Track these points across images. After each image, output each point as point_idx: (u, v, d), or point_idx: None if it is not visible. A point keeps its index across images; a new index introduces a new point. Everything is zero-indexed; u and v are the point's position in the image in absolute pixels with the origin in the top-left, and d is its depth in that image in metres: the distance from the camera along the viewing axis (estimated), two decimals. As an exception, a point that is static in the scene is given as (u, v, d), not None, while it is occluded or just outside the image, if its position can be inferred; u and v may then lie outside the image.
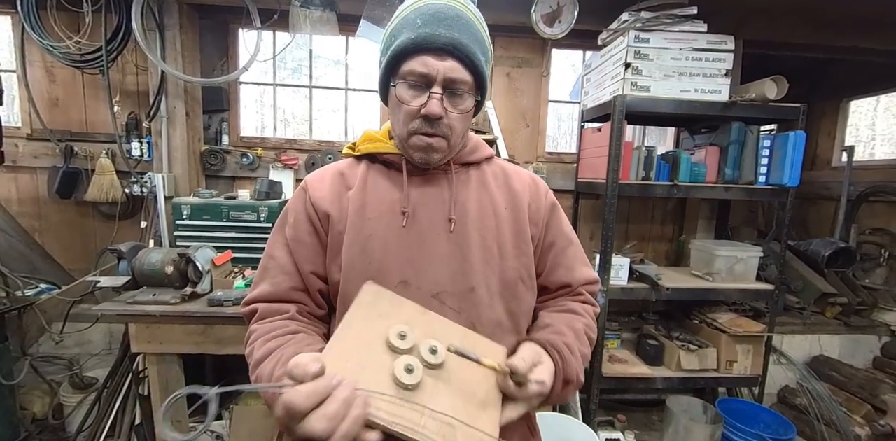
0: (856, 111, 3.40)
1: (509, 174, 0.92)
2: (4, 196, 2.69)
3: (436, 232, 0.81)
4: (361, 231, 0.80)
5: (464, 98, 0.76)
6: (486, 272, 0.81)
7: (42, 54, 2.54)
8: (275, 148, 2.82)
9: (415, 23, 0.73)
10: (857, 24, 2.54)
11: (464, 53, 0.73)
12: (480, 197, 0.86)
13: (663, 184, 2.25)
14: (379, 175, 0.86)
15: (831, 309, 2.76)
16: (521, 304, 0.85)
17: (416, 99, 0.75)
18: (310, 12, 2.38)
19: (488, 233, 0.83)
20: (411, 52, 0.73)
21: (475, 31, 0.76)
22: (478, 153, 0.91)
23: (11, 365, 2.14)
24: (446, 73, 0.73)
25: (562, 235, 0.93)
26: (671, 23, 2.11)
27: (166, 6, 2.42)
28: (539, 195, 0.92)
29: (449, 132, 0.77)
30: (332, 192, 0.84)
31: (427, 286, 0.78)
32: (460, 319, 0.78)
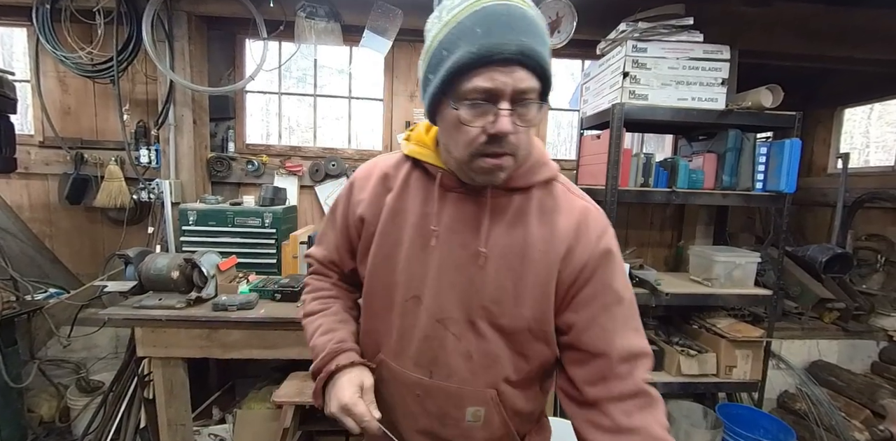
0: (850, 119, 3.39)
1: (559, 208, 0.77)
2: (16, 202, 2.70)
3: (455, 259, 0.76)
4: (390, 238, 0.79)
5: (531, 107, 0.65)
6: (494, 312, 0.75)
7: (55, 65, 2.56)
8: (279, 155, 2.82)
9: (474, 32, 0.61)
10: (850, 34, 2.54)
11: (534, 60, 0.62)
12: (513, 231, 0.75)
13: (662, 190, 2.24)
14: (417, 182, 0.81)
15: (829, 314, 2.73)
16: (526, 349, 0.78)
17: (480, 118, 0.65)
18: (315, 23, 2.39)
19: (508, 273, 0.75)
20: (474, 68, 0.62)
21: (540, 31, 0.64)
22: (532, 176, 0.77)
23: (20, 368, 2.12)
24: (516, 85, 0.62)
25: (608, 291, 0.74)
26: (668, 33, 2.11)
27: (176, 18, 2.43)
28: (588, 239, 0.75)
29: (516, 148, 0.68)
30: (372, 195, 0.83)
31: (434, 309, 0.77)
32: (459, 347, 0.77)
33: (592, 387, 0.72)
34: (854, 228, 3.03)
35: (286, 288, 1.97)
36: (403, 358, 0.80)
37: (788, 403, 2.59)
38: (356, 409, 0.72)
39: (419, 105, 2.93)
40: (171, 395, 1.89)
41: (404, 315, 0.79)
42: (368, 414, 0.72)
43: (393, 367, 0.82)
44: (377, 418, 0.73)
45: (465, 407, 0.79)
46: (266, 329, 1.83)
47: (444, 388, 0.78)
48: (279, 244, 2.37)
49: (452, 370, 0.77)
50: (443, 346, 0.77)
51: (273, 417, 2.02)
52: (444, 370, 0.78)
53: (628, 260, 2.42)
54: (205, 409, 2.31)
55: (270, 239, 2.37)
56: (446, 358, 0.77)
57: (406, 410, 0.83)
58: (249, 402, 2.16)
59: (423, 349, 0.78)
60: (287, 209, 2.52)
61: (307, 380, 1.91)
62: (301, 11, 2.37)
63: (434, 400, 0.79)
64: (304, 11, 2.37)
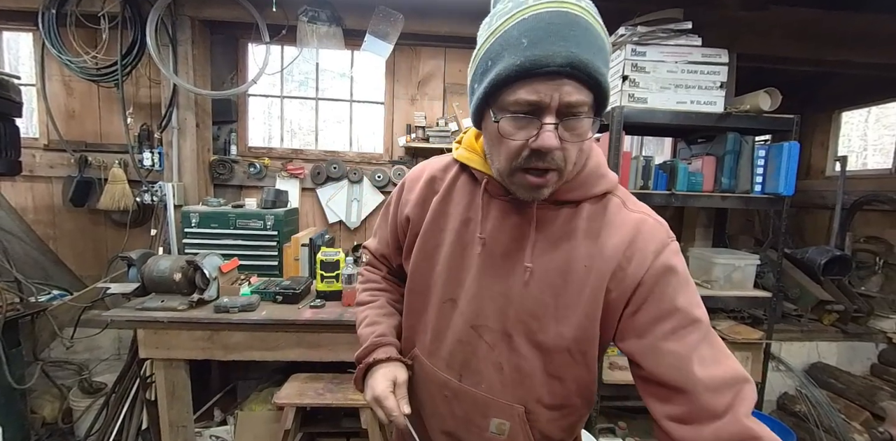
0: (848, 122, 3.39)
1: (610, 223, 0.70)
2: (21, 204, 2.70)
3: (497, 268, 0.74)
4: (432, 240, 0.80)
5: (581, 122, 0.60)
6: (533, 327, 0.72)
7: (60, 69, 2.57)
8: (281, 158, 2.82)
9: (519, 42, 0.56)
10: (847, 38, 2.54)
11: (584, 73, 0.56)
12: (558, 244, 0.71)
13: (661, 193, 2.23)
14: (464, 187, 0.80)
15: (828, 316, 2.71)
16: (562, 372, 0.73)
17: (523, 131, 0.60)
18: (317, 27, 2.39)
19: (550, 289, 0.70)
20: (516, 80, 0.58)
21: (595, 39, 0.58)
22: (585, 190, 0.71)
23: (23, 369, 2.12)
24: (562, 98, 0.57)
25: (673, 312, 0.65)
26: (667, 37, 2.11)
27: (179, 22, 2.44)
28: (642, 256, 0.67)
29: (563, 164, 0.62)
30: (420, 197, 0.83)
31: (469, 315, 0.76)
32: (491, 356, 0.75)
33: (682, 427, 0.61)
34: (852, 231, 3.02)
35: (287, 290, 1.97)
36: (436, 357, 0.80)
37: (788, 405, 2.58)
38: (386, 403, 0.74)
39: (420, 108, 2.93)
40: (173, 397, 1.88)
41: (440, 316, 0.79)
42: (397, 409, 0.74)
43: (426, 365, 0.82)
44: (405, 413, 0.75)
45: (489, 417, 0.77)
46: (267, 331, 1.83)
47: (472, 394, 0.77)
48: (281, 246, 2.37)
49: (482, 378, 0.76)
50: (475, 352, 0.76)
51: (274, 419, 2.01)
52: (474, 376, 0.77)
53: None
54: (206, 411, 2.30)
55: (272, 241, 2.37)
56: (477, 364, 0.76)
57: (434, 410, 0.83)
58: (251, 403, 2.15)
59: (455, 352, 0.78)
60: (288, 212, 2.52)
61: (308, 382, 1.91)
62: (303, 16, 2.37)
63: (461, 404, 0.78)
64: (307, 16, 2.37)
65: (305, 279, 2.13)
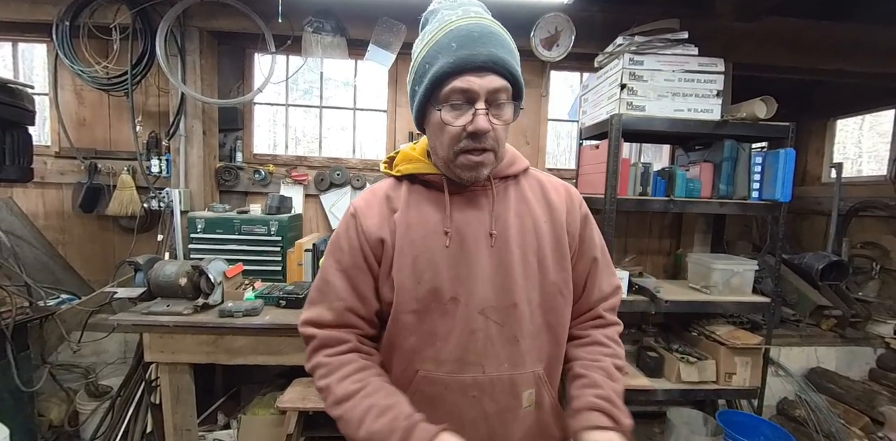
0: (842, 129, 3.38)
1: (545, 186, 0.89)
2: (32, 210, 2.70)
3: (479, 249, 0.80)
4: (409, 252, 0.80)
5: (505, 108, 0.74)
6: (527, 287, 0.80)
7: (73, 78, 2.59)
8: (286, 165, 2.82)
9: (450, 46, 0.71)
10: (840, 48, 2.55)
11: (503, 67, 0.71)
12: (520, 211, 0.84)
13: (660, 199, 2.22)
14: (421, 196, 0.84)
15: (826, 321, 2.68)
16: (559, 317, 0.84)
17: (460, 118, 0.73)
18: (321, 38, 2.41)
19: (528, 248, 0.81)
20: (452, 75, 0.71)
21: (507, 44, 0.74)
22: (515, 166, 0.87)
23: (31, 372, 2.10)
24: (489, 85, 0.71)
25: (594, 247, 0.90)
26: (664, 46, 2.11)
27: (188, 33, 2.46)
28: (574, 207, 0.89)
29: (496, 144, 0.76)
30: (381, 217, 0.83)
31: (474, 303, 0.78)
32: (503, 333, 0.79)
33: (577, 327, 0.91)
34: (849, 236, 3.00)
35: (291, 295, 1.96)
36: (449, 362, 0.79)
37: (788, 410, 2.54)
38: None
39: (422, 116, 2.93)
40: (178, 401, 1.87)
41: (444, 319, 0.79)
42: None
43: (441, 378, 0.79)
44: None
45: (520, 393, 0.80)
46: (271, 335, 1.81)
47: (499, 380, 0.79)
48: (284, 252, 2.36)
49: (502, 359, 0.79)
50: (489, 336, 0.79)
51: (277, 423, 1.99)
52: (494, 360, 0.79)
53: (628, 267, 2.39)
54: (210, 415, 2.28)
55: (276, 246, 2.36)
56: (493, 347, 0.79)
57: (466, 419, 0.79)
58: (254, 407, 2.13)
59: (471, 345, 0.78)
60: (293, 217, 2.51)
61: (311, 386, 1.89)
62: (308, 26, 2.39)
63: (491, 396, 0.79)
64: (312, 26, 2.39)
65: (309, 284, 2.12)
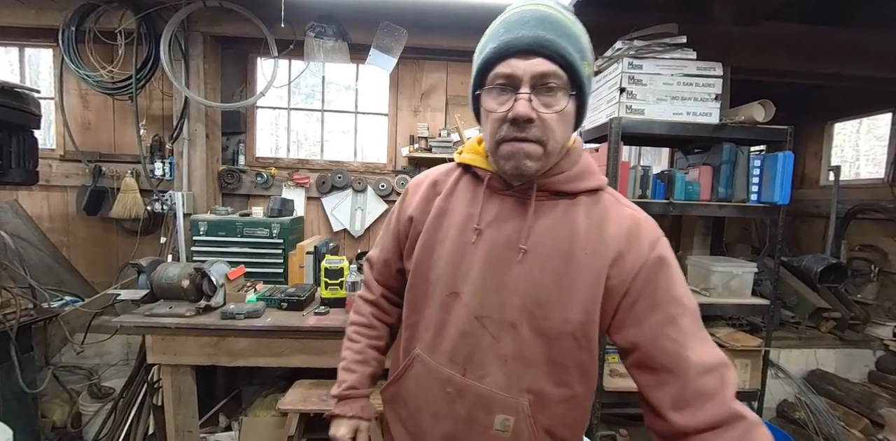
0: (840, 133, 3.38)
1: (608, 216, 0.74)
2: (37, 213, 2.71)
3: (500, 257, 0.74)
4: (434, 235, 0.80)
5: (557, 95, 0.65)
6: (537, 314, 0.72)
7: (78, 83, 2.60)
8: (288, 168, 2.82)
9: (497, 32, 0.67)
10: (837, 52, 2.55)
11: (551, 49, 0.63)
12: (558, 232, 0.73)
13: (659, 202, 2.21)
14: (467, 185, 0.82)
15: (825, 323, 2.67)
16: (566, 358, 0.73)
17: (503, 105, 0.66)
18: (323, 42, 2.41)
19: (553, 275, 0.71)
20: (496, 60, 0.66)
21: (565, 28, 0.65)
22: (577, 183, 0.74)
23: (35, 374, 2.10)
24: (532, 68, 0.63)
25: (669, 301, 0.68)
26: (662, 51, 2.11)
27: (192, 38, 2.47)
28: (639, 246, 0.71)
29: (544, 136, 0.66)
30: (422, 198, 0.85)
31: (474, 306, 0.75)
32: (495, 347, 0.74)
33: (677, 412, 0.64)
34: (847, 239, 2.99)
35: (292, 297, 1.95)
36: (439, 352, 0.78)
37: (788, 412, 2.52)
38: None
39: (422, 119, 2.94)
40: (179, 402, 1.86)
41: (442, 310, 0.78)
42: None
43: (429, 362, 0.80)
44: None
45: (494, 413, 0.75)
46: (272, 337, 1.81)
47: (476, 389, 0.75)
48: (286, 254, 2.36)
49: (486, 371, 0.75)
50: (479, 344, 0.75)
51: (278, 425, 1.98)
52: (478, 370, 0.75)
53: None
54: (211, 416, 2.27)
55: (278, 249, 2.36)
56: (482, 357, 0.75)
57: (435, 410, 0.79)
58: (255, 409, 2.12)
59: (459, 345, 0.76)
60: (294, 220, 2.51)
61: (312, 388, 1.88)
62: (310, 31, 2.39)
63: (464, 400, 0.76)
64: (314, 31, 2.39)
65: (310, 286, 2.11)
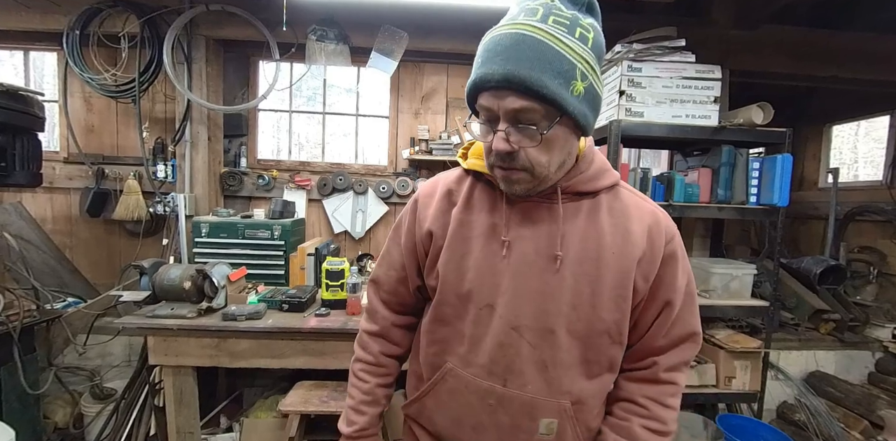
0: (838, 135, 3.37)
1: (629, 212, 0.77)
2: (40, 215, 2.71)
3: (530, 265, 0.74)
4: (458, 249, 0.78)
5: (536, 127, 0.66)
6: (572, 318, 0.74)
7: (82, 86, 2.60)
8: (289, 170, 2.83)
9: (478, 60, 0.67)
10: (835, 56, 2.55)
11: (521, 85, 0.62)
12: (586, 235, 0.75)
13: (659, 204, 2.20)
14: (482, 194, 0.80)
15: (825, 325, 2.66)
16: (599, 355, 0.77)
17: (488, 135, 0.69)
18: (325, 45, 2.41)
19: (584, 277, 0.73)
20: (475, 93, 0.68)
21: (540, 54, 0.63)
22: (596, 182, 0.77)
23: (38, 375, 2.10)
24: (506, 106, 0.64)
25: (671, 290, 0.77)
26: (661, 54, 2.11)
27: (195, 42, 2.47)
28: (657, 242, 0.76)
29: (528, 165, 0.68)
30: (438, 210, 0.82)
31: (509, 317, 0.75)
32: (534, 355, 0.75)
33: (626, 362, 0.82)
34: (846, 241, 2.98)
35: (293, 298, 1.95)
36: (475, 366, 0.77)
37: (788, 414, 2.51)
38: None
39: (423, 122, 2.94)
40: (181, 403, 1.85)
41: (477, 323, 0.77)
42: None
43: (464, 376, 0.78)
44: None
45: (538, 418, 0.76)
46: (273, 339, 1.80)
47: (519, 398, 0.75)
48: (287, 256, 2.35)
49: (527, 379, 0.75)
50: (518, 353, 0.75)
51: (279, 426, 1.97)
52: (518, 379, 0.75)
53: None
54: (213, 418, 2.26)
55: (279, 251, 2.36)
56: (521, 366, 0.75)
57: (476, 422, 0.79)
58: (256, 410, 2.11)
59: (498, 357, 0.75)
60: (295, 222, 2.51)
61: (312, 389, 1.88)
62: (312, 34, 2.40)
63: (507, 410, 0.76)
64: (315, 34, 2.40)
65: (311, 288, 2.11)
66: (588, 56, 0.67)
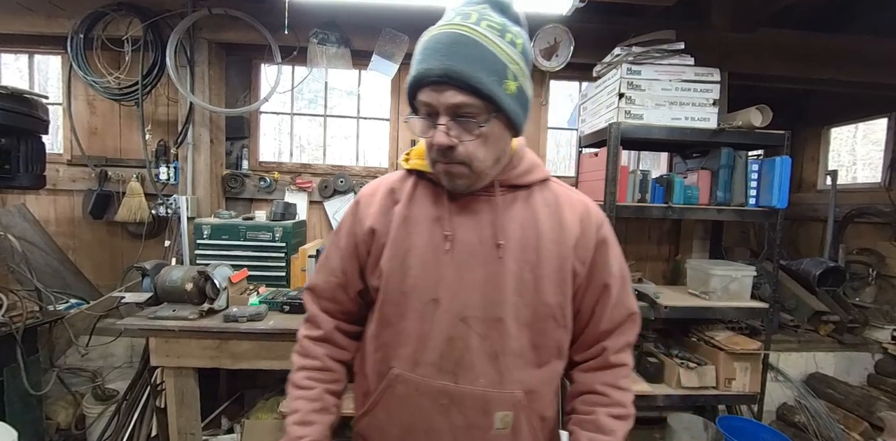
0: (837, 138, 3.37)
1: (562, 203, 0.81)
2: (44, 217, 2.71)
3: (474, 256, 0.76)
4: (402, 245, 0.78)
5: (474, 121, 0.68)
6: (518, 304, 0.76)
7: (85, 89, 2.61)
8: (290, 172, 2.82)
9: (417, 58, 0.70)
10: (833, 58, 2.55)
11: (460, 80, 0.65)
12: (525, 223, 0.78)
13: (658, 206, 2.21)
14: (425, 191, 0.82)
15: (824, 327, 2.65)
16: (547, 339, 0.79)
17: (428, 131, 0.71)
18: (326, 48, 2.42)
19: (526, 264, 0.76)
20: (416, 88, 0.70)
21: (478, 51, 0.66)
22: (529, 176, 0.81)
23: (40, 376, 2.10)
24: (446, 101, 0.67)
25: (608, 274, 0.81)
26: (660, 57, 2.12)
27: (197, 45, 2.47)
28: (589, 229, 0.80)
29: (468, 159, 0.71)
30: (380, 208, 0.82)
31: (456, 308, 0.75)
32: (484, 346, 0.75)
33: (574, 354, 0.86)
34: (845, 243, 2.97)
35: (295, 300, 1.95)
36: (424, 365, 0.76)
37: (788, 416, 2.50)
38: None
39: (424, 125, 2.93)
40: (182, 405, 1.85)
41: (423, 320, 0.76)
42: None
43: (413, 379, 0.76)
44: None
45: (493, 412, 0.75)
46: (275, 340, 1.80)
47: (471, 394, 0.75)
48: (289, 257, 2.35)
49: (479, 372, 0.75)
50: (468, 346, 0.75)
51: (280, 428, 1.96)
52: (469, 373, 0.75)
53: (626, 273, 2.37)
54: (214, 419, 2.26)
55: (280, 252, 2.36)
56: (472, 359, 0.75)
57: (428, 426, 0.77)
58: (257, 412, 2.11)
59: (447, 352, 0.75)
60: (297, 224, 2.51)
61: (314, 390, 1.87)
62: (313, 38, 2.40)
63: (460, 408, 0.75)
64: (317, 38, 2.40)
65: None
66: (519, 59, 0.70)
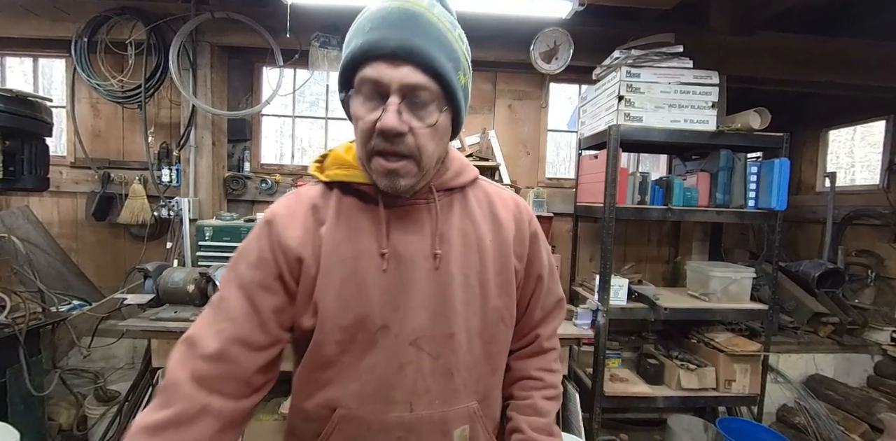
0: (835, 140, 3.37)
1: (494, 200, 0.77)
2: (47, 219, 2.71)
3: (418, 271, 0.68)
4: (336, 274, 0.66)
5: (428, 108, 0.60)
6: (467, 314, 0.70)
7: (89, 92, 2.61)
8: (292, 174, 2.83)
9: (363, 28, 0.60)
10: (831, 61, 2.55)
11: (421, 58, 0.57)
12: (464, 229, 0.72)
13: (658, 208, 2.21)
14: (354, 208, 0.70)
15: (824, 328, 2.64)
16: (498, 344, 0.76)
17: (372, 112, 0.59)
18: (327, 52, 2.42)
19: (471, 270, 0.71)
20: (362, 61, 0.59)
21: (436, 33, 0.59)
22: (462, 176, 0.75)
23: (42, 377, 2.09)
24: (402, 79, 0.57)
25: (541, 265, 0.81)
26: (660, 59, 2.12)
27: (200, 48, 2.48)
28: (523, 224, 0.78)
29: (416, 152, 0.61)
30: (304, 230, 0.68)
31: (406, 333, 0.67)
32: (437, 366, 0.69)
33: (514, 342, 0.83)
34: (844, 244, 2.97)
35: (296, 301, 1.94)
36: (375, 401, 0.68)
37: (787, 417, 2.49)
38: None
39: (425, 127, 2.94)
40: (183, 406, 1.84)
41: (367, 353, 0.67)
42: None
43: (363, 418, 0.68)
44: None
45: (451, 430, 0.70)
46: (276, 341, 1.79)
47: (428, 418, 0.69)
48: (290, 259, 2.35)
49: (434, 395, 0.69)
50: (420, 370, 0.68)
51: (281, 429, 1.95)
52: (424, 397, 0.69)
53: (627, 275, 2.36)
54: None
55: (282, 254, 2.35)
56: (425, 383, 0.68)
57: None
58: (258, 413, 2.10)
59: (398, 381, 0.67)
60: (299, 225, 2.50)
61: (315, 391, 1.86)
62: (315, 41, 2.41)
63: (418, 436, 0.69)
64: (318, 41, 2.41)
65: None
66: (467, 54, 0.66)
